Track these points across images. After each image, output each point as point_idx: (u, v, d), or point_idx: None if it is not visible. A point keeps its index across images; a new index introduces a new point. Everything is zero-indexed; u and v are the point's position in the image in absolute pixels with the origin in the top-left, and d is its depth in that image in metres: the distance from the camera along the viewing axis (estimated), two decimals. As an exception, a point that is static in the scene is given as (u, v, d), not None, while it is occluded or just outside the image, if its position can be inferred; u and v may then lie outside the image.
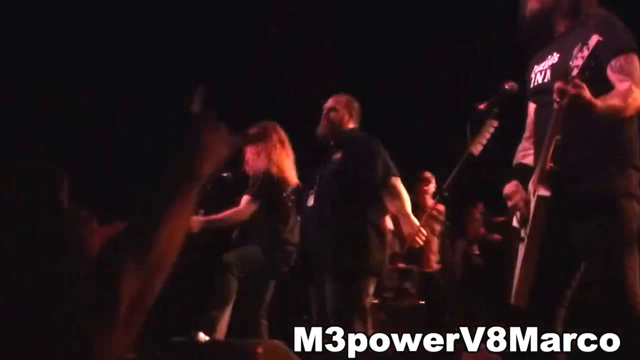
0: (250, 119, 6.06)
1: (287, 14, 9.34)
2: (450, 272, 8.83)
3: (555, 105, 3.21)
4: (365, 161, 5.37)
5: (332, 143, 5.60)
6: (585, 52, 3.15)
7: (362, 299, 5.22)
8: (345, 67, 9.84)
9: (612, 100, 3.26)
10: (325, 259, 5.27)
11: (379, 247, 5.34)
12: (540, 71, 3.65)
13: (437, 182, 6.71)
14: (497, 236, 9.61)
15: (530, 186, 3.49)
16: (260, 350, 3.88)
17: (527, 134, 3.81)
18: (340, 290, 5.20)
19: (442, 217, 8.96)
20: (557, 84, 3.16)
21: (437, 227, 8.94)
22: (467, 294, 9.55)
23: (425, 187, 8.65)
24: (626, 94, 3.29)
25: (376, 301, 6.10)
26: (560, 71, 3.43)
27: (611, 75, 3.36)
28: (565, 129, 3.28)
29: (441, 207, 8.45)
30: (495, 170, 8.93)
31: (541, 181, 3.35)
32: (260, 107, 7.62)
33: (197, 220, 6.10)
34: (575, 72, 3.13)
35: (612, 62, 3.37)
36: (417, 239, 5.17)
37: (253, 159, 6.29)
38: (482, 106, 4.25)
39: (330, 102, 5.69)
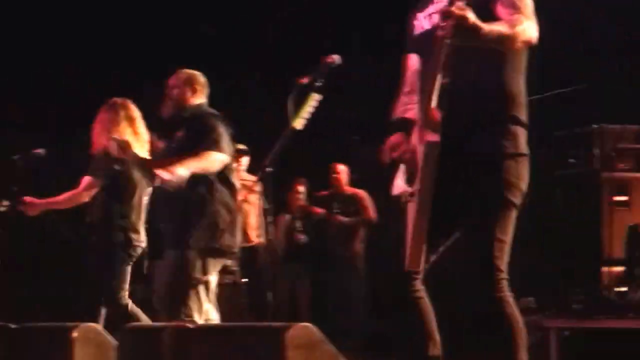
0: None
1: None
2: (272, 248, 8.80)
3: (440, 32, 3.09)
4: (203, 138, 5.27)
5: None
6: None
7: (198, 277, 5.19)
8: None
9: (499, 26, 3.19)
10: (171, 236, 5.28)
11: (228, 225, 5.30)
12: (426, 16, 3.54)
13: (258, 157, 6.64)
14: (320, 210, 9.64)
15: (414, 138, 3.38)
16: (75, 334, 3.69)
17: (407, 88, 3.66)
18: (178, 265, 5.20)
19: (257, 190, 8.95)
20: (442, 8, 3.06)
21: (255, 201, 8.90)
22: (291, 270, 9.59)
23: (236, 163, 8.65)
24: (514, 22, 3.23)
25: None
26: (444, 14, 3.28)
27: (501, 11, 3.27)
28: (453, 72, 3.16)
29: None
30: (319, 145, 9.04)
31: (427, 126, 3.21)
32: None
33: (38, 203, 6.02)
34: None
35: None
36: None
37: (96, 137, 6.11)
38: (304, 80, 4.19)
39: (171, 80, 5.57)
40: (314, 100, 4.36)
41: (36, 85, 9.79)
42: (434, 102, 3.14)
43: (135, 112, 6.16)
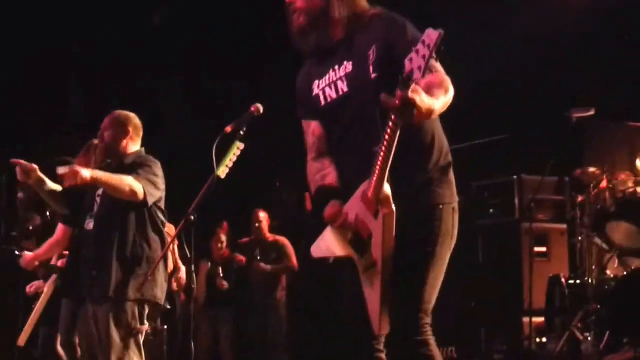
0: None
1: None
2: (194, 295, 8.69)
3: (395, 118, 2.97)
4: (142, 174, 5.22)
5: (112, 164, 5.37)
6: (424, 51, 2.87)
7: (136, 326, 5.12)
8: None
9: (441, 97, 3.13)
10: (103, 285, 5.13)
11: (162, 274, 5.26)
12: (330, 85, 3.50)
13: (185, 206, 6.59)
14: (241, 258, 9.60)
15: (357, 205, 3.33)
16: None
17: (313, 154, 3.61)
18: (115, 315, 5.10)
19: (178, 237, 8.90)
20: (402, 95, 2.90)
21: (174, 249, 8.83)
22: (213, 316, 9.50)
23: None
24: (445, 84, 3.20)
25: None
26: (360, 78, 3.33)
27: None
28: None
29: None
30: (240, 191, 8.98)
31: (380, 200, 3.18)
32: None
33: (29, 258, 6.14)
34: (417, 75, 2.86)
35: None
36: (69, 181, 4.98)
37: None
38: (228, 129, 4.17)
39: (105, 122, 5.44)
40: (237, 149, 4.36)
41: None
42: (385, 178, 3.15)
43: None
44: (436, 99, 3.09)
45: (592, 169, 6.94)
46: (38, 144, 8.65)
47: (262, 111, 4.22)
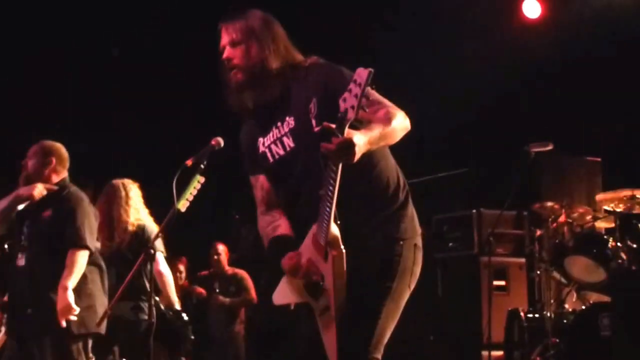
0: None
1: None
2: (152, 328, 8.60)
3: (334, 164, 3.00)
4: (69, 218, 5.18)
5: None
6: (356, 90, 2.91)
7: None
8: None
9: (377, 129, 3.14)
10: (39, 322, 5.08)
11: (101, 307, 5.24)
12: (275, 142, 3.49)
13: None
14: (200, 290, 9.54)
15: (309, 249, 3.33)
16: None
17: (263, 207, 3.61)
18: (60, 353, 5.05)
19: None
20: (339, 140, 2.94)
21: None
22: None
23: None
24: (389, 116, 3.21)
25: None
26: (304, 133, 3.32)
27: (364, 113, 3.09)
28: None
29: None
30: (199, 224, 8.93)
31: (329, 245, 3.19)
32: None
33: None
34: (350, 114, 2.91)
35: None
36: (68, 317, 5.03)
37: None
38: (189, 162, 4.14)
39: (30, 151, 5.40)
40: (198, 182, 4.34)
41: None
42: (332, 221, 3.15)
43: None
44: (369, 131, 3.11)
45: (550, 203, 6.98)
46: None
47: (222, 144, 4.20)
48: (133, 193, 6.39)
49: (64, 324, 4.96)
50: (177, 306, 6.69)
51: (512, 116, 8.73)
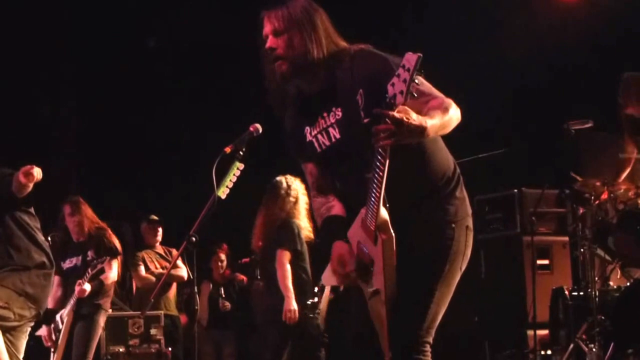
0: None
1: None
2: (197, 316, 8.69)
3: (383, 140, 2.99)
4: None
5: None
6: (404, 75, 2.91)
7: None
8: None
9: (436, 118, 3.13)
10: None
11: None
12: (321, 132, 3.48)
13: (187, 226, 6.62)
14: (242, 277, 9.58)
15: (358, 232, 3.35)
16: None
17: (314, 192, 3.63)
18: None
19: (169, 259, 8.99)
20: (391, 116, 2.93)
21: (178, 271, 8.85)
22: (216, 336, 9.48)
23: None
24: (445, 106, 3.20)
25: None
26: (352, 124, 3.32)
27: (414, 102, 3.13)
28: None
29: None
30: (241, 213, 9.00)
31: (378, 228, 3.19)
32: None
33: None
34: (399, 99, 2.92)
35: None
36: None
37: None
38: (228, 149, 4.15)
39: None
40: (237, 169, 4.34)
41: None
42: (381, 205, 3.15)
43: None
44: (430, 118, 3.10)
45: (592, 181, 6.92)
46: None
47: (261, 131, 4.20)
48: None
49: None
50: None
51: (552, 94, 8.66)
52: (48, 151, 10.25)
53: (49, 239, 6.65)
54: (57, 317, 6.99)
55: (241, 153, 4.21)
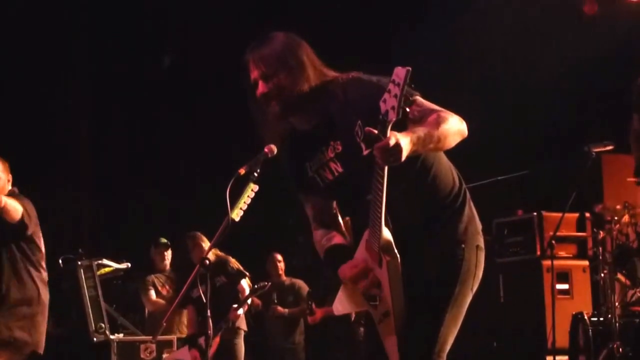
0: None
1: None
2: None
3: (381, 167, 2.98)
4: None
5: None
6: (395, 90, 2.87)
7: None
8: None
9: (420, 130, 3.08)
10: None
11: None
12: (322, 167, 3.44)
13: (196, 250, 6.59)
14: (258, 301, 9.53)
15: (363, 256, 3.32)
16: None
17: (315, 224, 3.61)
18: None
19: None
20: (379, 146, 2.91)
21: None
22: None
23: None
24: (438, 120, 3.15)
25: None
26: (353, 157, 3.26)
27: (414, 124, 3.14)
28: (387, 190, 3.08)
29: None
30: (255, 236, 8.94)
31: (381, 246, 3.16)
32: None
33: None
34: (391, 115, 2.88)
35: (409, 115, 3.13)
36: None
37: None
38: (242, 170, 4.09)
39: None
40: (251, 191, 4.28)
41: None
42: (383, 226, 3.12)
43: None
44: (414, 132, 3.04)
45: (612, 204, 6.84)
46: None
47: (275, 152, 4.14)
48: None
49: None
50: None
51: (571, 117, 8.61)
52: (62, 173, 10.22)
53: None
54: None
55: (255, 174, 4.15)
